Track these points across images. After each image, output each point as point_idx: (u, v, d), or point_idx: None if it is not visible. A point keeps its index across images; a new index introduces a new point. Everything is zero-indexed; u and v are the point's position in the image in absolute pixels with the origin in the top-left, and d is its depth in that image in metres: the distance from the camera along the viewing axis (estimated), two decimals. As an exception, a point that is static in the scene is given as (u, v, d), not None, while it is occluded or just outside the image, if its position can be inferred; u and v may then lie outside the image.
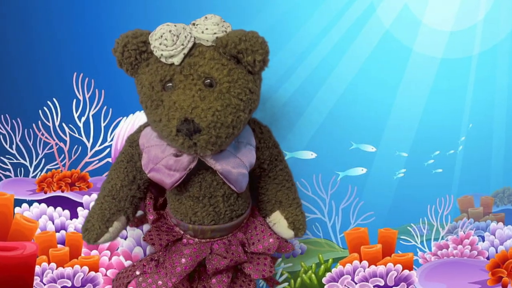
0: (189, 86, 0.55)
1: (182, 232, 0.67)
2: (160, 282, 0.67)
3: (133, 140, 0.66)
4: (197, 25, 0.57)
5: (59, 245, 0.88)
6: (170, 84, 0.57)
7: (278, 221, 0.70)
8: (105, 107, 0.84)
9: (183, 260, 0.64)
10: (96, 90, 0.84)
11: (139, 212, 0.71)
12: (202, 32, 0.56)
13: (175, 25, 0.56)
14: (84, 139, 0.86)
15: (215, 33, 0.56)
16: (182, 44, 0.55)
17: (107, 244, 0.87)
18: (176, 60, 0.56)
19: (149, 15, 0.80)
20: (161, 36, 0.55)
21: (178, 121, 0.54)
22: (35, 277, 0.87)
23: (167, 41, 0.55)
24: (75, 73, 0.83)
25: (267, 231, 0.70)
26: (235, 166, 0.60)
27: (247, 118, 0.59)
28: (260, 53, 0.56)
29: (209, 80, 0.56)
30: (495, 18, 0.80)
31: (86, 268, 0.87)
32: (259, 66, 0.57)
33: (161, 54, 0.56)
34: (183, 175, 0.60)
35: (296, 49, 0.81)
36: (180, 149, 0.57)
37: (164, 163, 0.59)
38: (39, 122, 0.85)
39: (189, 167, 0.60)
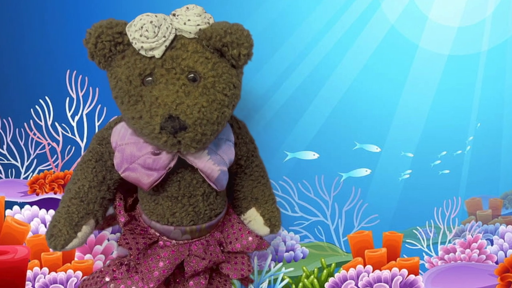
0: (172, 80, 0.54)
1: (158, 234, 0.65)
2: (134, 287, 0.66)
3: (102, 138, 0.63)
4: (178, 15, 0.55)
5: (51, 249, 0.86)
6: (150, 78, 0.55)
7: (254, 218, 0.71)
8: (99, 106, 0.84)
9: (161, 263, 0.63)
10: (90, 88, 0.83)
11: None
12: (184, 24, 0.54)
13: (155, 16, 0.54)
14: (78, 139, 0.85)
15: (198, 25, 0.55)
16: (164, 36, 0.53)
17: (101, 248, 0.86)
18: (157, 53, 0.54)
19: (144, 11, 0.79)
20: (142, 27, 0.53)
21: (162, 118, 0.52)
22: (27, 282, 0.86)
23: (148, 33, 0.53)
24: (68, 71, 0.82)
25: (244, 229, 0.70)
26: (216, 163, 0.59)
27: (230, 114, 0.58)
28: (245, 47, 0.55)
29: (193, 75, 0.54)
30: (504, 13, 0.79)
31: (79, 273, 0.86)
32: (243, 60, 0.56)
33: (141, 47, 0.54)
34: (162, 174, 0.58)
35: (297, 46, 0.81)
36: (163, 147, 0.55)
37: (141, 162, 0.58)
38: (31, 121, 0.84)
39: (169, 166, 0.58)
